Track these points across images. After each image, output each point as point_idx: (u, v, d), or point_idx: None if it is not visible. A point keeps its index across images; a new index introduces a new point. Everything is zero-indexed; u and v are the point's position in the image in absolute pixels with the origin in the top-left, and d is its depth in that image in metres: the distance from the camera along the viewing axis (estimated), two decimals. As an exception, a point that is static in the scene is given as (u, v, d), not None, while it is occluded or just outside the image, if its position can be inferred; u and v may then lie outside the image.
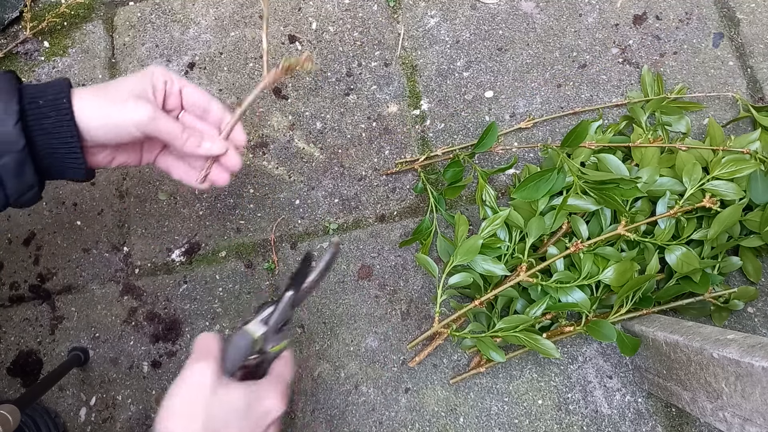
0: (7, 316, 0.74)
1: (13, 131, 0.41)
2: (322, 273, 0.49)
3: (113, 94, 0.44)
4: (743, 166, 0.59)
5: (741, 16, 0.77)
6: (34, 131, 0.42)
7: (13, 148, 0.41)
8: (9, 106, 0.41)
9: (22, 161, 0.42)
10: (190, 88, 0.49)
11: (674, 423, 0.64)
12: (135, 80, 0.46)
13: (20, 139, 0.41)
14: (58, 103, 0.42)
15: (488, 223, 0.64)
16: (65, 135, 0.43)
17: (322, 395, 0.68)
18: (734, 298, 0.64)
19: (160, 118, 0.45)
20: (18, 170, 0.42)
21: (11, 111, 0.41)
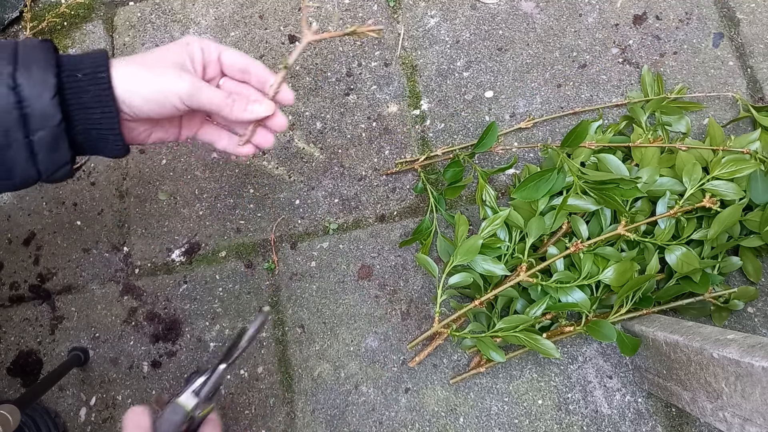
0: (7, 316, 0.74)
1: (49, 105, 0.39)
2: (250, 340, 0.51)
3: (153, 64, 0.42)
4: (743, 166, 0.59)
5: (741, 16, 0.77)
6: (72, 105, 0.40)
7: (49, 123, 0.39)
8: (46, 78, 0.39)
9: (57, 136, 0.40)
10: (229, 53, 0.47)
11: (674, 423, 0.64)
12: (173, 51, 0.44)
13: (57, 113, 0.39)
14: (98, 76, 0.40)
15: (488, 223, 0.64)
16: (104, 110, 0.41)
17: (322, 395, 0.68)
18: (734, 298, 0.64)
19: (202, 88, 0.43)
20: (53, 145, 0.40)
21: (48, 84, 0.39)
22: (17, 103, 0.38)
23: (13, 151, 0.39)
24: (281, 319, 0.71)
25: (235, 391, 0.69)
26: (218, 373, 0.50)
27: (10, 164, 0.40)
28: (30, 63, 0.39)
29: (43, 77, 0.39)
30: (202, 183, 0.76)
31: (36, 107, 0.39)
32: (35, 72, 0.39)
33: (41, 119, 0.39)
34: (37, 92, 0.39)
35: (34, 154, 0.40)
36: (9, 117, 0.38)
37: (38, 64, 0.39)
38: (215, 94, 0.44)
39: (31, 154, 0.40)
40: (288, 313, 0.71)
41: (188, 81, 0.43)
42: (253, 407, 0.68)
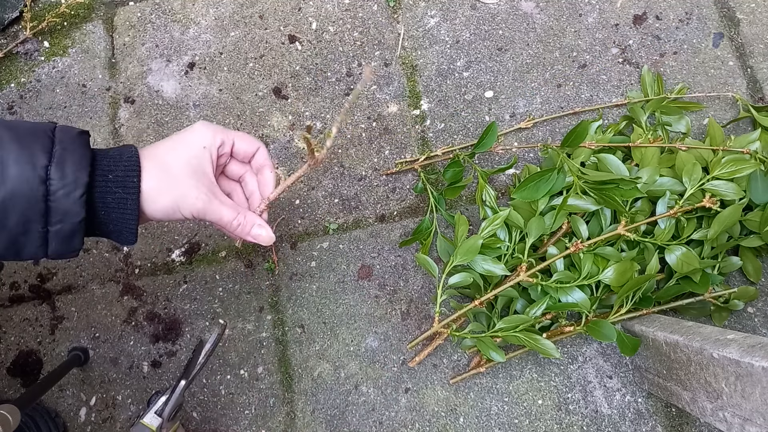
0: (7, 316, 0.74)
1: (76, 203, 0.40)
2: (209, 354, 0.53)
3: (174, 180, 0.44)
4: (743, 166, 0.59)
5: (741, 16, 0.77)
6: (97, 204, 0.42)
7: (72, 219, 0.40)
8: (79, 177, 0.40)
9: (75, 230, 0.41)
10: (238, 141, 0.50)
11: (674, 423, 0.64)
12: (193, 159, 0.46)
13: (82, 211, 0.40)
14: (128, 181, 0.42)
15: (488, 223, 0.64)
16: (125, 212, 0.43)
17: (322, 395, 0.68)
18: (734, 298, 0.64)
19: (213, 209, 0.46)
20: (68, 238, 0.41)
21: (81, 183, 0.40)
22: (44, 196, 0.39)
23: (27, 238, 0.40)
24: (281, 319, 0.71)
25: (235, 391, 0.69)
26: (179, 391, 0.51)
27: (20, 247, 0.40)
28: (65, 158, 0.40)
29: (76, 176, 0.40)
30: (202, 183, 0.76)
31: (62, 203, 0.39)
32: (69, 169, 0.39)
33: (64, 214, 0.40)
34: (67, 190, 0.39)
35: (47, 242, 0.41)
36: (34, 208, 0.39)
37: (73, 160, 0.40)
38: (224, 214, 0.47)
39: (44, 243, 0.40)
40: (288, 313, 0.71)
41: (203, 201, 0.45)
42: (253, 407, 0.68)
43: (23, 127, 0.40)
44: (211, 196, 0.46)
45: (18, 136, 0.39)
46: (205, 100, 0.79)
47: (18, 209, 0.38)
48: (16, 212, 0.38)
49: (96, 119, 0.80)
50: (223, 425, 0.68)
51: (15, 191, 0.38)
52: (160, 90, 0.80)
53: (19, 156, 0.38)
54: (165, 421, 0.51)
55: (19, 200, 0.38)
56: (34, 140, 0.39)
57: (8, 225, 0.39)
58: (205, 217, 0.46)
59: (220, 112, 0.79)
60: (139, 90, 0.81)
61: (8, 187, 0.38)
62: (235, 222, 0.48)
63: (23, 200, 0.38)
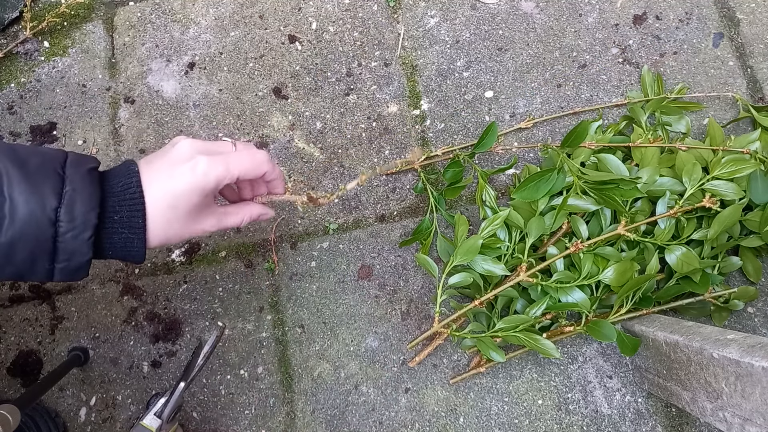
0: (7, 316, 0.74)
1: (84, 245, 0.40)
2: (207, 356, 0.54)
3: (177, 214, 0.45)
4: (743, 166, 0.59)
5: (741, 16, 0.77)
6: (104, 243, 0.42)
7: (79, 259, 0.41)
8: (88, 219, 0.40)
9: (81, 267, 0.41)
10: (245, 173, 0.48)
11: (674, 423, 0.64)
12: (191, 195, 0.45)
13: (89, 252, 0.41)
14: (133, 222, 0.43)
15: (488, 223, 0.64)
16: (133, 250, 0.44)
17: (322, 395, 0.68)
18: (734, 298, 0.64)
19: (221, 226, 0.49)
20: (73, 272, 0.41)
21: (89, 225, 0.40)
22: (53, 237, 0.39)
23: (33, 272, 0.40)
24: (281, 319, 0.71)
25: (235, 391, 0.69)
26: (178, 393, 0.52)
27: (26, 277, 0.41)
28: (75, 199, 0.40)
29: (85, 218, 0.40)
30: (202, 183, 0.76)
31: (69, 244, 0.40)
32: (78, 211, 0.39)
33: (71, 254, 0.40)
34: (76, 233, 0.39)
35: (52, 275, 0.41)
36: (42, 247, 0.39)
37: (82, 201, 0.40)
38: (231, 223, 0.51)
39: (48, 276, 0.41)
40: (288, 313, 0.71)
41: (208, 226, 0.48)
42: (253, 407, 0.68)
43: (33, 162, 0.40)
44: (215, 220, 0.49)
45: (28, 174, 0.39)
46: (205, 100, 0.79)
47: (26, 249, 0.39)
48: (24, 251, 0.39)
49: (96, 119, 0.80)
50: (223, 425, 0.68)
51: (24, 232, 0.38)
52: (160, 90, 0.80)
53: (29, 197, 0.38)
54: (164, 422, 0.52)
55: (27, 241, 0.38)
56: (44, 179, 0.39)
57: (15, 262, 0.39)
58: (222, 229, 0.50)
59: (220, 112, 0.79)
60: (139, 90, 0.81)
61: (17, 228, 0.38)
62: (243, 223, 0.52)
63: (32, 241, 0.38)
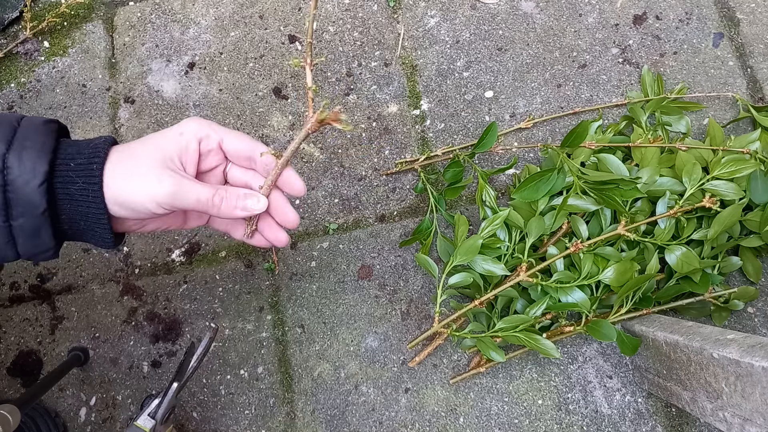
0: (7, 316, 0.74)
1: (35, 193, 0.37)
2: (201, 358, 0.53)
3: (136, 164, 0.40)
4: (743, 166, 0.59)
5: (741, 16, 0.77)
6: (59, 195, 0.38)
7: (32, 211, 0.37)
8: (38, 165, 0.37)
9: (39, 225, 0.38)
10: (230, 139, 0.44)
11: (674, 423, 0.64)
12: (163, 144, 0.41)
13: (42, 202, 0.37)
14: (90, 169, 0.38)
15: (488, 223, 0.64)
16: (91, 205, 0.39)
17: (322, 395, 0.68)
18: (734, 298, 0.64)
19: (183, 191, 0.40)
20: (34, 233, 0.38)
21: (39, 171, 0.37)
22: (2, 186, 0.36)
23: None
24: (281, 319, 0.71)
25: (235, 391, 0.69)
26: (172, 393, 0.52)
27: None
28: (24, 145, 0.37)
29: (34, 163, 0.37)
30: (202, 183, 0.76)
31: (21, 193, 0.36)
32: (27, 156, 0.37)
33: (24, 206, 0.37)
34: (25, 178, 0.36)
35: (13, 238, 0.38)
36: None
37: (33, 147, 0.37)
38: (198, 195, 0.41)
39: (10, 239, 0.38)
40: (288, 313, 0.71)
41: (166, 185, 0.40)
42: (253, 407, 0.68)
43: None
44: (179, 177, 0.41)
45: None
46: (205, 100, 0.79)
47: None
48: None
49: (96, 119, 0.80)
50: (223, 425, 0.68)
51: None
52: (160, 90, 0.81)
53: None
54: (158, 423, 0.52)
55: None
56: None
57: None
58: (179, 203, 0.41)
59: (220, 112, 0.79)
60: (139, 90, 0.81)
61: None
62: (215, 198, 0.42)
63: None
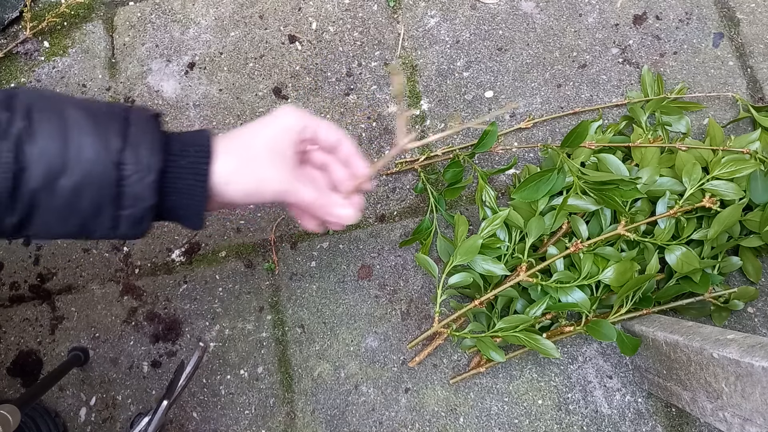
0: (7, 316, 0.74)
1: (147, 188, 0.39)
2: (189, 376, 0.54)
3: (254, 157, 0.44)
4: (743, 165, 0.59)
5: (741, 16, 0.77)
6: (167, 189, 0.41)
7: (143, 204, 0.40)
8: (152, 162, 0.39)
9: (144, 215, 0.40)
10: (324, 129, 0.48)
11: (674, 423, 0.64)
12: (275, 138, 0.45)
13: (154, 196, 0.40)
14: (199, 167, 0.42)
15: (488, 223, 0.64)
16: (195, 198, 0.42)
17: (322, 395, 0.68)
18: (734, 298, 0.64)
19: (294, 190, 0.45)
20: (138, 221, 0.41)
21: (154, 168, 0.39)
22: (118, 181, 0.38)
23: (99, 221, 0.40)
24: (281, 319, 0.71)
25: (235, 391, 0.69)
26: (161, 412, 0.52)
27: (91, 229, 0.40)
28: (139, 142, 0.39)
29: (149, 161, 0.39)
30: (202, 183, 0.76)
31: (135, 188, 0.39)
32: (143, 153, 0.39)
33: (135, 199, 0.39)
34: (141, 176, 0.39)
35: (117, 225, 0.40)
36: (107, 192, 0.38)
37: (147, 144, 0.39)
38: (305, 196, 0.46)
39: (114, 226, 0.40)
40: (288, 313, 0.71)
41: (286, 183, 0.44)
42: (253, 407, 0.68)
43: (97, 108, 0.40)
44: (291, 177, 0.45)
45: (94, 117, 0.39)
46: (205, 100, 0.79)
47: (91, 193, 0.38)
48: (89, 196, 0.38)
49: (96, 119, 0.80)
50: (223, 425, 0.68)
51: (90, 175, 0.38)
52: (160, 90, 0.80)
53: (94, 139, 0.38)
54: None
55: (93, 184, 0.38)
56: (109, 122, 0.39)
57: (81, 208, 0.38)
58: (287, 197, 0.45)
59: (220, 112, 0.79)
60: (139, 90, 0.81)
61: (84, 171, 0.37)
62: (317, 202, 0.47)
63: (97, 184, 0.38)
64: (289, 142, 0.45)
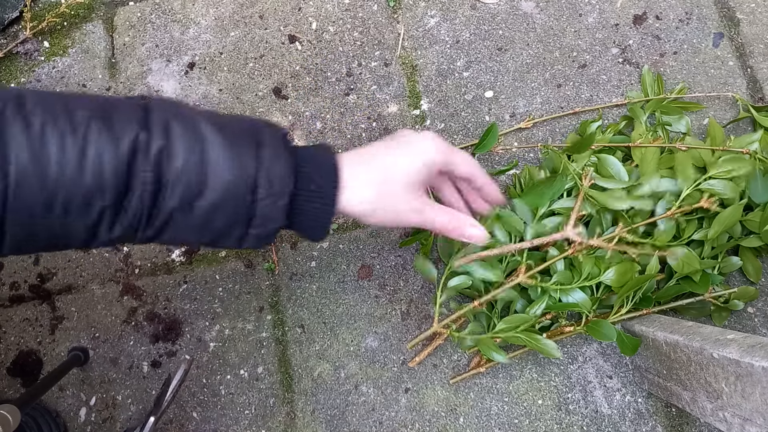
0: (7, 316, 0.74)
1: (278, 211, 0.40)
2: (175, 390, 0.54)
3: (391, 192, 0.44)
4: (739, 165, 0.59)
5: (741, 16, 0.77)
6: (295, 211, 0.42)
7: (272, 225, 0.40)
8: (285, 186, 0.40)
9: (272, 233, 0.41)
10: (461, 163, 0.49)
11: (674, 423, 0.64)
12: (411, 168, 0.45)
13: (283, 218, 0.40)
14: (328, 190, 0.42)
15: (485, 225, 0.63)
16: (321, 219, 0.43)
17: (322, 395, 0.68)
18: (734, 298, 0.64)
19: (429, 216, 0.46)
20: (264, 238, 0.41)
21: (286, 192, 0.40)
22: (251, 203, 0.39)
23: (228, 238, 0.41)
24: (281, 319, 0.71)
25: (235, 391, 0.69)
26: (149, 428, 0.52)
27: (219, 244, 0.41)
28: (272, 165, 0.39)
29: (282, 187, 0.39)
30: (202, 183, 0.76)
31: (266, 210, 0.39)
32: (276, 177, 0.39)
33: (265, 220, 0.40)
34: (273, 199, 0.39)
35: (243, 241, 0.41)
36: (240, 214, 0.39)
37: (280, 167, 0.40)
38: (440, 219, 0.47)
39: (240, 241, 0.41)
40: (288, 313, 0.71)
41: (422, 214, 0.46)
42: (253, 407, 0.68)
43: (228, 122, 0.40)
44: (426, 206, 0.46)
45: (228, 135, 0.39)
46: (205, 100, 0.79)
47: (225, 214, 0.39)
48: (223, 217, 0.39)
49: (96, 119, 0.80)
50: (223, 425, 0.68)
51: (226, 198, 0.38)
52: (160, 90, 0.80)
53: (231, 164, 0.38)
54: None
55: (228, 207, 0.38)
56: (242, 141, 0.39)
57: (214, 227, 0.39)
58: (423, 224, 0.46)
59: (220, 112, 0.79)
60: (139, 90, 0.81)
61: (220, 194, 0.38)
62: (450, 224, 0.48)
63: (232, 207, 0.39)
64: (428, 176, 0.46)
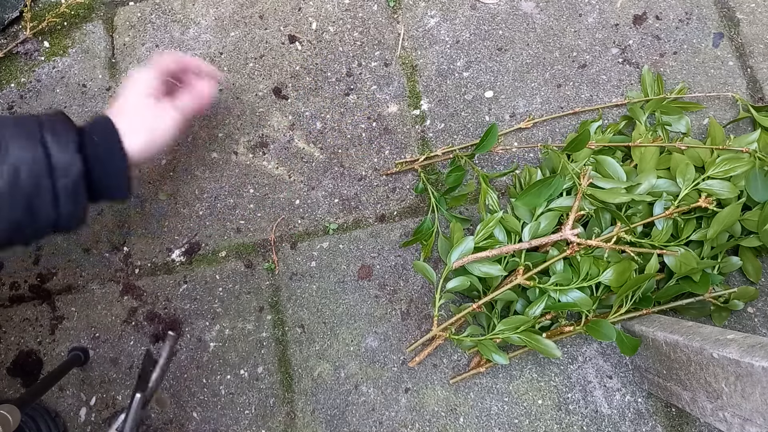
0: (7, 316, 0.74)
1: (74, 157, 0.48)
2: (164, 368, 0.55)
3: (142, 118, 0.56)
4: (737, 164, 0.59)
5: (741, 16, 0.77)
6: (90, 158, 0.50)
7: (72, 172, 0.48)
8: (69, 136, 0.48)
9: (77, 183, 0.48)
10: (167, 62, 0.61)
11: (674, 423, 0.64)
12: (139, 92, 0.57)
13: (79, 162, 0.48)
14: (108, 134, 0.52)
15: (482, 226, 0.63)
16: (117, 160, 0.52)
17: (322, 395, 0.68)
18: (734, 298, 0.64)
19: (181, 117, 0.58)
20: (74, 191, 0.48)
21: (72, 140, 0.48)
22: (46, 156, 0.47)
23: (41, 198, 0.47)
24: (281, 319, 0.71)
25: (235, 391, 0.69)
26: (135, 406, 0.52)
27: (36, 209, 0.47)
28: (54, 125, 0.49)
29: (67, 136, 0.48)
30: (202, 183, 0.76)
31: (61, 158, 0.47)
32: (60, 131, 0.48)
33: (66, 169, 0.47)
34: (62, 146, 0.48)
35: (57, 198, 0.48)
36: (40, 167, 0.46)
37: (61, 126, 0.49)
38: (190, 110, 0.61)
39: (54, 199, 0.47)
40: (288, 313, 0.71)
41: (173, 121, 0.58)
42: (253, 407, 0.68)
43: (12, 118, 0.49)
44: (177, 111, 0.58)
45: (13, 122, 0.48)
46: (205, 100, 0.79)
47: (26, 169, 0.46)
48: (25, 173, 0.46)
49: (96, 119, 0.80)
50: (223, 425, 0.68)
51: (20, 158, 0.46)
52: (160, 90, 0.80)
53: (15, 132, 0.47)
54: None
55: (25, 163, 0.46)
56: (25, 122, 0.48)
57: (21, 185, 0.46)
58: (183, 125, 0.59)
59: (219, 112, 0.79)
60: (139, 90, 0.81)
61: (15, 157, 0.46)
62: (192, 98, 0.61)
63: (29, 162, 0.46)
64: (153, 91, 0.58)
